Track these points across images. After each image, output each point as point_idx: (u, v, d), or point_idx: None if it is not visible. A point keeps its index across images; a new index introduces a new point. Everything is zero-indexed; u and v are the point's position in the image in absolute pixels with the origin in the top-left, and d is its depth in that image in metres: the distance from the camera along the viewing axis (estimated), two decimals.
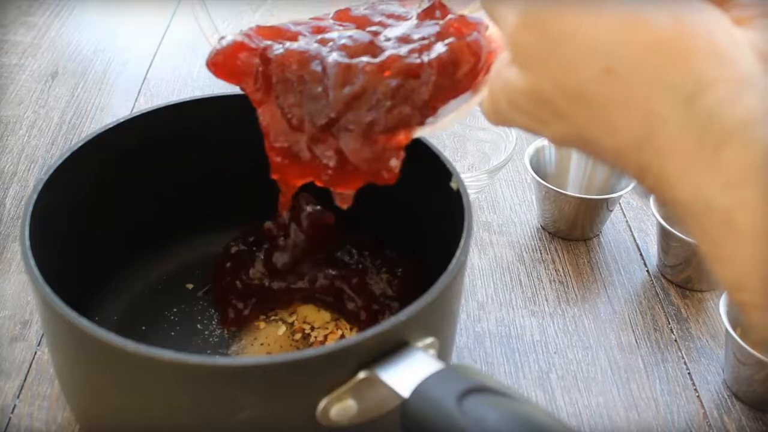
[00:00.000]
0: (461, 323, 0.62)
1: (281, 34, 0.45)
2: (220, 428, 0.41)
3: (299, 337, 0.57)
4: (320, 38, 0.44)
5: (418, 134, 0.42)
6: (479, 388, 0.36)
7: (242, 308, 0.57)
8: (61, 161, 0.50)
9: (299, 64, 0.43)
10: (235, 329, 0.58)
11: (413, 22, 0.44)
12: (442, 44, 0.41)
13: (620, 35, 0.29)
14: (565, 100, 0.31)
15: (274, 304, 0.58)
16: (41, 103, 0.85)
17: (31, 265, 0.43)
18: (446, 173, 0.51)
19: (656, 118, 0.29)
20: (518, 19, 0.32)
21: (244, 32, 0.46)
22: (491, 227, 0.72)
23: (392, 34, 0.44)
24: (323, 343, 0.57)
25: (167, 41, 0.98)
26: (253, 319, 0.58)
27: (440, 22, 0.43)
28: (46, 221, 0.47)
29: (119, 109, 0.85)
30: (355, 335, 0.40)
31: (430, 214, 0.55)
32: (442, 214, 0.51)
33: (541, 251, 0.69)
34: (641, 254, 0.70)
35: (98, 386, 0.43)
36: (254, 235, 0.59)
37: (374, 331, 0.39)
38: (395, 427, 0.38)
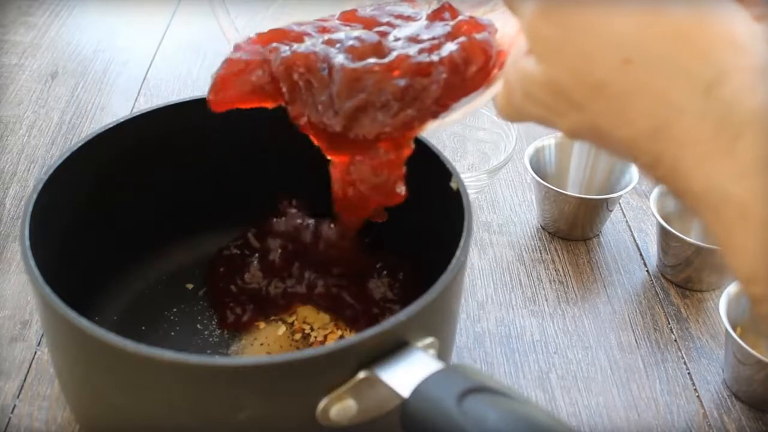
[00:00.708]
0: (461, 323, 0.62)
1: (285, 35, 0.45)
2: (220, 428, 0.41)
3: (299, 337, 0.57)
4: (327, 38, 0.44)
5: (428, 128, 0.42)
6: (479, 388, 0.36)
7: (240, 313, 0.57)
8: (61, 161, 0.50)
9: (306, 67, 0.42)
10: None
11: (423, 23, 0.44)
12: (452, 43, 0.41)
13: (639, 26, 0.29)
14: (581, 90, 0.31)
15: (272, 309, 0.58)
16: (41, 103, 0.85)
17: (31, 265, 0.43)
18: (446, 173, 0.51)
19: (674, 107, 0.29)
20: (537, 7, 0.32)
21: (236, 45, 0.45)
22: (491, 227, 0.72)
23: (401, 34, 0.44)
24: (323, 343, 0.57)
25: (167, 41, 0.98)
26: (252, 322, 0.58)
27: (450, 23, 0.43)
28: (46, 221, 0.47)
29: (119, 109, 0.85)
30: (354, 335, 0.40)
31: (430, 214, 0.55)
32: (442, 214, 0.51)
33: (541, 251, 0.69)
34: (641, 254, 0.70)
35: (98, 386, 0.43)
36: (253, 236, 0.59)
37: (374, 331, 0.39)
38: (395, 427, 0.38)
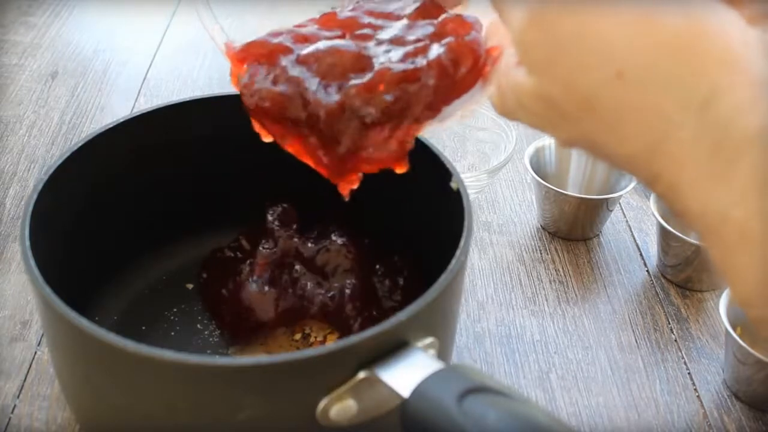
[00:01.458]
0: (461, 323, 0.62)
1: (258, 56, 0.41)
2: (219, 428, 0.41)
3: (299, 337, 0.57)
4: (304, 55, 0.41)
5: (423, 131, 0.41)
6: (479, 388, 0.36)
7: (239, 331, 0.56)
8: (61, 161, 0.50)
9: (280, 111, 0.40)
10: None
11: (405, 22, 0.42)
12: (439, 45, 0.40)
13: (632, 37, 0.28)
14: (573, 104, 0.30)
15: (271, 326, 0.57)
16: (41, 103, 0.85)
17: (31, 265, 0.43)
18: (446, 173, 0.51)
19: (669, 122, 0.28)
20: (526, 17, 0.30)
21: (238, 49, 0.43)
22: (491, 227, 0.72)
23: (384, 36, 0.42)
24: (323, 343, 0.57)
25: (167, 41, 0.98)
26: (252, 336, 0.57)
27: (434, 21, 0.42)
28: (46, 221, 0.47)
29: (119, 109, 0.85)
30: (354, 335, 0.40)
31: (430, 214, 0.55)
32: (442, 214, 0.51)
33: (541, 251, 0.69)
34: (641, 254, 0.70)
35: (98, 386, 0.43)
36: (246, 240, 0.59)
37: (374, 331, 0.39)
38: (395, 427, 0.38)
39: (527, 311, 0.63)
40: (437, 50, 0.40)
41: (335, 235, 0.57)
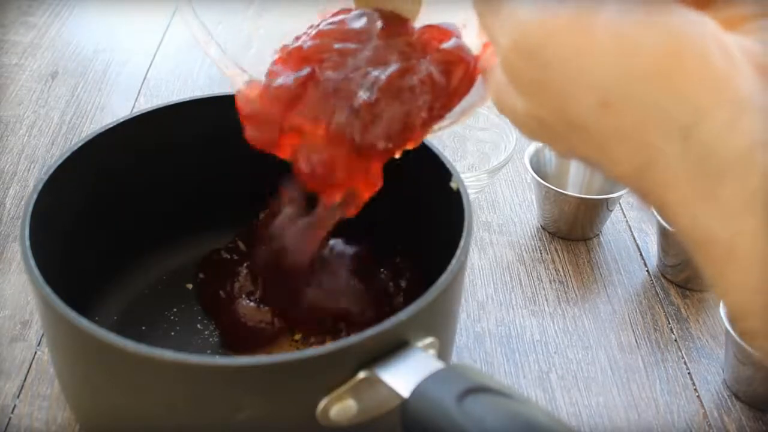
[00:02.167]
0: (461, 323, 0.62)
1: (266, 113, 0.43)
2: (219, 428, 0.41)
3: (299, 337, 0.57)
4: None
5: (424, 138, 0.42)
6: (479, 388, 0.36)
7: (238, 341, 0.56)
8: (61, 161, 0.50)
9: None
10: None
11: (376, 42, 0.40)
12: (425, 60, 0.39)
13: (611, 67, 0.28)
14: (563, 126, 0.30)
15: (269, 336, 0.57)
16: (41, 103, 0.85)
17: (31, 265, 0.43)
18: (446, 173, 0.51)
19: (654, 149, 0.28)
20: (510, 42, 0.30)
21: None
22: (491, 227, 0.72)
23: (360, 60, 0.40)
24: (323, 343, 0.57)
25: (167, 41, 0.98)
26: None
27: (411, 36, 0.41)
28: (46, 221, 0.47)
29: (119, 109, 0.85)
30: (354, 335, 0.40)
31: (430, 214, 0.55)
32: (442, 214, 0.51)
33: (541, 251, 0.69)
34: (641, 254, 0.70)
35: (98, 386, 0.43)
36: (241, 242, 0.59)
37: (374, 331, 0.40)
38: (395, 427, 0.38)
39: (527, 311, 0.63)
40: (426, 66, 0.39)
41: (335, 236, 0.57)
